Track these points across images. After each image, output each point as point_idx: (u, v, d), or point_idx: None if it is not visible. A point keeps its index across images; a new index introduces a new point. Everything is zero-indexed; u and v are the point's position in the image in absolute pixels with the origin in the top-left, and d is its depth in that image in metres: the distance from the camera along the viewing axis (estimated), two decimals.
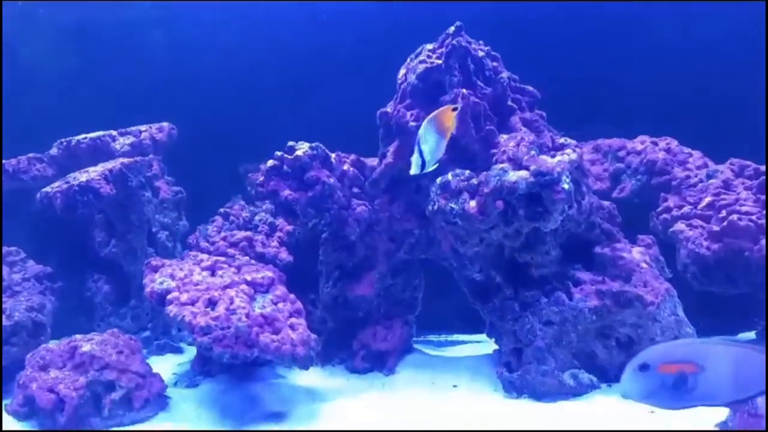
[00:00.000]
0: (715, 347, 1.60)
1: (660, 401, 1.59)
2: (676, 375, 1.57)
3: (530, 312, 2.30)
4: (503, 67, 2.52)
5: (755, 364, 1.60)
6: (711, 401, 1.60)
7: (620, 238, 2.43)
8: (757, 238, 2.36)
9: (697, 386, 1.56)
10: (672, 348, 1.63)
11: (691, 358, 1.59)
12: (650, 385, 1.57)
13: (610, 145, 3.01)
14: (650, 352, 1.61)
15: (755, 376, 1.58)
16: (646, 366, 1.60)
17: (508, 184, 2.06)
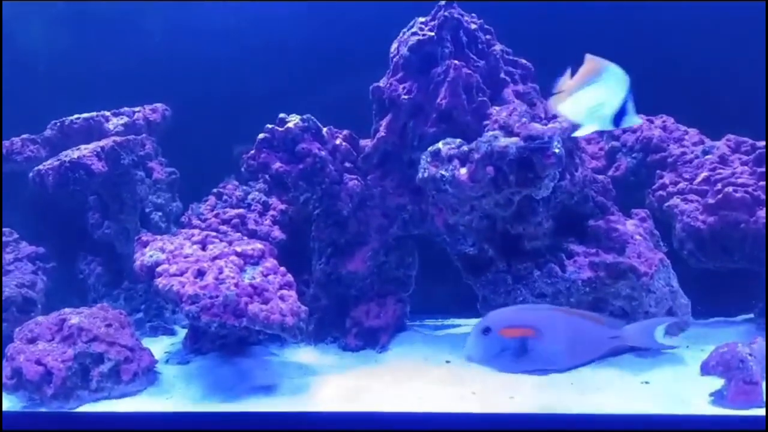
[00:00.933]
0: (553, 314, 1.63)
1: (501, 364, 1.61)
2: (517, 339, 1.58)
3: (523, 285, 2.28)
4: (496, 40, 2.50)
5: (589, 331, 1.62)
6: (548, 365, 1.62)
7: (614, 211, 2.40)
8: (753, 209, 2.34)
9: (535, 351, 1.58)
10: (513, 313, 1.66)
11: (531, 323, 1.60)
12: (492, 349, 1.59)
13: None
14: (492, 317, 1.63)
15: (589, 343, 1.62)
16: (489, 330, 1.61)
17: (498, 148, 2.04)
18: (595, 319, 1.75)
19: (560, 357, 1.65)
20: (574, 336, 1.67)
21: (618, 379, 2.10)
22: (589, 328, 1.71)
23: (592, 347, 1.69)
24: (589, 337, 1.70)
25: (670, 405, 1.88)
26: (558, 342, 1.64)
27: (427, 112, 2.43)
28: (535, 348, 1.61)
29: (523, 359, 1.61)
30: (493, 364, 1.66)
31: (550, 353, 1.63)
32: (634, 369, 2.16)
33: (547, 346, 1.62)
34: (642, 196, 2.77)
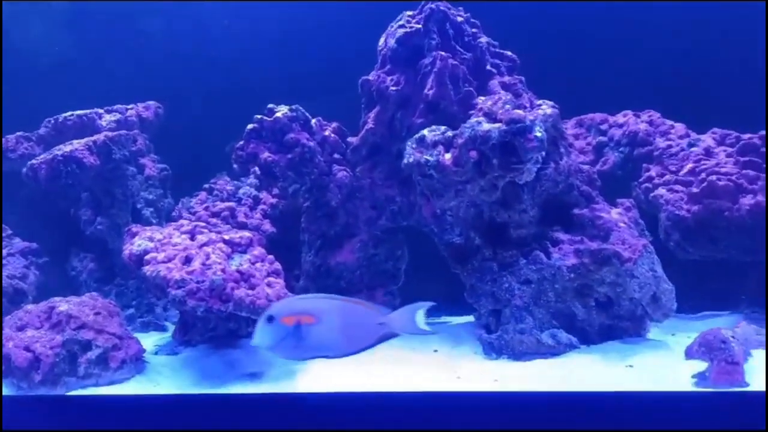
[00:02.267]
0: (329, 301, 1.67)
1: (284, 351, 1.66)
2: (295, 325, 1.62)
3: (509, 272, 2.30)
4: (482, 32, 2.54)
5: (363, 318, 1.66)
6: (326, 352, 1.66)
7: (599, 200, 2.42)
8: (736, 197, 2.36)
9: (312, 337, 1.62)
10: (294, 301, 1.72)
11: (309, 310, 1.65)
12: (275, 336, 1.63)
13: (592, 119, 3.02)
14: (277, 305, 1.70)
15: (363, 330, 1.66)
16: (272, 318, 1.66)
17: (481, 133, 2.07)
18: (367, 306, 1.80)
19: (336, 343, 1.71)
20: (350, 322, 1.72)
21: (603, 363, 2.11)
22: (362, 314, 1.75)
23: (365, 334, 1.74)
24: (363, 323, 1.75)
25: (654, 387, 1.89)
26: (334, 328, 1.69)
27: (414, 103, 2.47)
28: (312, 334, 1.67)
29: (301, 345, 1.67)
30: (277, 350, 1.72)
31: (327, 339, 1.69)
32: (620, 354, 2.17)
33: (324, 332, 1.68)
34: (629, 190, 2.79)
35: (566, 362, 2.16)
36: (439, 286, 2.93)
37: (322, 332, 1.67)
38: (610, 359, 2.13)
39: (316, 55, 3.46)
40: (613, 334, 2.29)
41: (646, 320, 2.29)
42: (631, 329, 2.29)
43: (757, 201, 2.30)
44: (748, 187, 2.37)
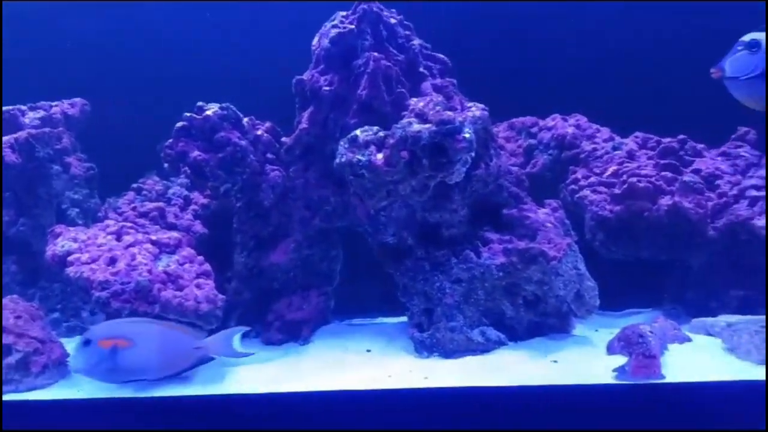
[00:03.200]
0: (146, 325, 1.76)
1: (100, 374, 1.72)
2: (111, 349, 1.68)
3: (440, 271, 2.33)
4: (415, 35, 2.57)
5: (179, 342, 1.75)
6: (142, 375, 1.74)
7: (528, 201, 2.49)
8: (655, 198, 2.46)
9: (128, 360, 1.69)
10: (112, 325, 1.78)
11: (125, 334, 1.72)
12: (92, 359, 1.68)
13: (523, 123, 3.10)
14: (94, 329, 1.76)
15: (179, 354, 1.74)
16: (89, 341, 1.71)
17: (412, 133, 2.10)
18: (183, 330, 1.87)
19: (152, 366, 1.76)
20: (165, 346, 1.78)
21: (530, 358, 2.17)
22: (178, 338, 1.82)
23: (181, 357, 1.81)
24: (179, 347, 1.82)
25: (576, 380, 1.95)
26: (150, 352, 1.75)
27: (348, 104, 2.47)
28: (127, 357, 1.72)
29: (117, 368, 1.71)
30: (94, 374, 1.76)
31: (142, 362, 1.75)
32: (546, 350, 2.23)
33: (140, 356, 1.73)
34: (558, 191, 2.88)
35: (494, 358, 2.20)
36: (374, 286, 2.96)
37: (137, 355, 1.70)
38: (537, 355, 2.18)
39: (250, 53, 3.42)
40: (540, 331, 2.36)
41: (571, 317, 2.37)
42: (558, 326, 2.36)
43: (674, 202, 2.41)
44: (666, 188, 2.49)
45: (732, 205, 2.43)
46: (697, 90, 3.03)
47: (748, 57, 1.70)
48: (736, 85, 1.75)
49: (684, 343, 2.17)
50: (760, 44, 1.69)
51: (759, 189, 2.42)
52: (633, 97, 3.15)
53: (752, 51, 1.69)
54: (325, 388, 2.01)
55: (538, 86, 3.25)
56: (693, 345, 2.17)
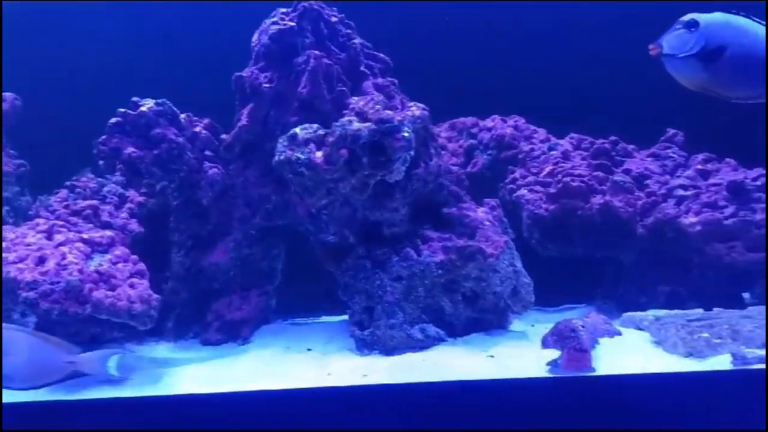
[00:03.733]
0: (18, 334, 1.80)
1: None
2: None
3: (381, 269, 2.34)
4: (356, 34, 2.58)
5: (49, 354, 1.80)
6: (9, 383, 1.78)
7: (467, 200, 2.53)
8: (588, 197, 2.54)
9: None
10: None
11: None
12: None
13: (464, 123, 3.15)
14: None
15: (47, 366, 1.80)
16: None
17: (351, 132, 2.10)
18: (56, 343, 1.89)
19: (20, 375, 1.78)
20: (36, 357, 1.81)
21: (467, 354, 2.20)
22: (50, 351, 1.85)
23: (51, 370, 1.84)
24: (49, 359, 1.85)
25: (510, 374, 1.99)
26: (19, 361, 1.77)
27: (288, 101, 2.46)
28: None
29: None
30: None
31: (10, 370, 1.76)
32: (483, 345, 2.27)
33: (8, 364, 1.75)
34: (497, 190, 2.93)
35: (433, 355, 2.23)
36: (317, 285, 2.94)
37: (6, 364, 1.67)
38: (474, 350, 2.22)
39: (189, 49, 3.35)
40: (479, 327, 2.40)
41: (509, 313, 2.42)
42: (495, 321, 2.41)
43: (606, 201, 2.50)
44: (598, 188, 2.57)
45: (660, 203, 2.53)
46: (630, 93, 3.18)
47: (685, 35, 1.75)
48: (673, 63, 1.79)
49: (614, 337, 2.25)
50: (698, 24, 1.74)
51: (686, 188, 2.54)
52: (569, 98, 3.24)
53: (690, 30, 1.74)
54: (263, 387, 1.99)
55: (480, 87, 3.30)
56: (623, 339, 2.25)
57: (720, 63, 1.75)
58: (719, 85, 1.81)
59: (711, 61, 1.75)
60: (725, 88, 1.81)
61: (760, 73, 1.74)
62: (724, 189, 2.49)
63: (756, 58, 1.73)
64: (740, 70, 1.75)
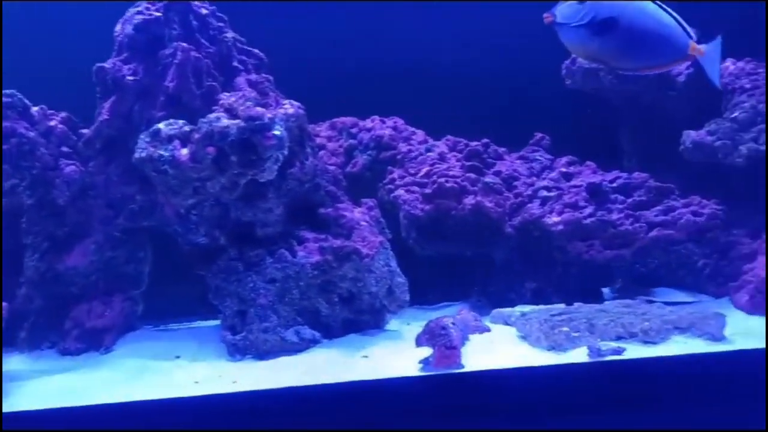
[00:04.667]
0: None
1: None
2: None
3: (254, 271, 2.28)
4: (229, 27, 2.49)
5: None
6: None
7: (344, 200, 2.52)
8: (461, 198, 2.61)
9: None
10: None
11: None
12: None
13: (344, 123, 3.14)
14: None
15: None
16: None
17: (218, 129, 2.03)
18: None
19: None
20: None
21: (342, 355, 2.19)
22: None
23: None
24: None
25: (384, 374, 1.99)
26: None
27: (155, 95, 2.34)
28: None
29: None
30: None
31: None
32: (358, 346, 2.27)
33: None
34: (377, 190, 2.94)
35: (308, 358, 2.20)
36: (189, 288, 2.82)
37: None
38: (349, 351, 2.21)
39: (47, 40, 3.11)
40: (355, 327, 2.39)
41: (385, 312, 2.43)
42: (372, 322, 2.41)
43: (477, 201, 2.57)
44: (470, 188, 2.65)
45: (527, 204, 2.64)
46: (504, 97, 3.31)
47: (577, 6, 1.82)
48: (564, 32, 1.86)
49: (484, 333, 2.32)
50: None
51: (550, 190, 2.67)
52: (447, 101, 3.32)
53: (581, 1, 1.81)
54: (123, 399, 1.87)
55: (361, 87, 3.30)
56: (491, 335, 2.32)
57: (608, 34, 1.84)
58: (607, 56, 1.91)
59: (600, 32, 1.83)
60: (612, 58, 1.91)
61: (646, 46, 1.85)
62: (584, 190, 2.64)
63: (641, 31, 1.84)
64: (627, 42, 1.85)
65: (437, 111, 3.28)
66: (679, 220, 2.56)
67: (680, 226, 2.55)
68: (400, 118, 3.16)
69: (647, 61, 1.90)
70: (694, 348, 2.07)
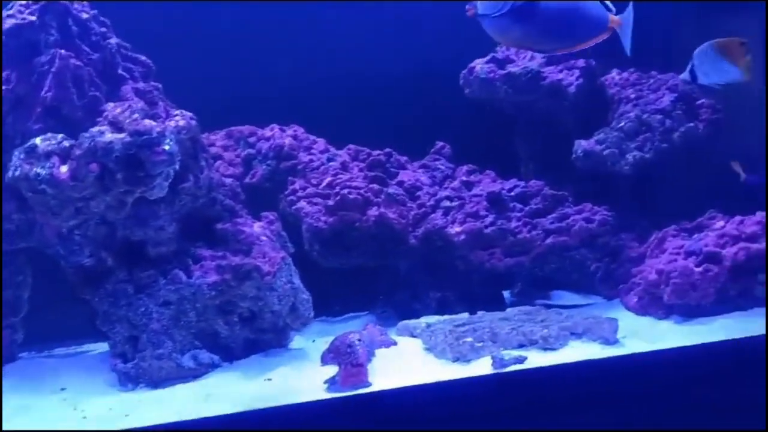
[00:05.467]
0: None
1: None
2: None
3: (146, 294, 2.14)
4: (113, 33, 2.33)
5: None
6: None
7: (243, 214, 2.42)
8: (364, 209, 2.58)
9: None
10: None
11: None
12: None
13: (241, 132, 3.03)
14: None
15: None
16: None
17: (102, 144, 1.88)
18: None
19: None
20: None
21: (244, 379, 2.10)
22: None
23: None
24: None
25: (289, 397, 1.93)
26: None
27: (30, 106, 2.14)
28: None
29: None
30: None
31: None
32: (261, 368, 2.18)
33: None
34: (278, 202, 2.86)
35: (207, 383, 2.09)
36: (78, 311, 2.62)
37: None
38: (251, 374, 2.12)
39: None
40: (257, 348, 2.30)
41: (288, 331, 2.36)
42: (274, 341, 2.33)
43: (380, 213, 2.56)
44: (374, 200, 2.62)
45: (430, 215, 2.65)
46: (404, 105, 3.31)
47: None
48: (487, 23, 1.94)
49: (390, 347, 2.29)
50: None
51: (451, 200, 2.69)
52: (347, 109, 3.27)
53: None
54: None
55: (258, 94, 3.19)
56: (398, 348, 2.30)
57: (529, 20, 1.93)
58: (531, 41, 2.02)
59: (520, 19, 1.91)
60: (537, 42, 2.03)
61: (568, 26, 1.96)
62: (485, 199, 2.69)
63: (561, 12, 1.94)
64: (549, 25, 1.95)
65: (337, 119, 3.24)
66: (573, 227, 2.65)
67: (574, 233, 2.65)
68: (300, 127, 3.08)
69: (571, 40, 2.00)
70: (590, 352, 2.14)
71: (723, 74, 2.42)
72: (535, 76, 2.96)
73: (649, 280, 2.48)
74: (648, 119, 2.79)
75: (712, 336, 2.20)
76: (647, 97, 2.90)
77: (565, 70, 2.98)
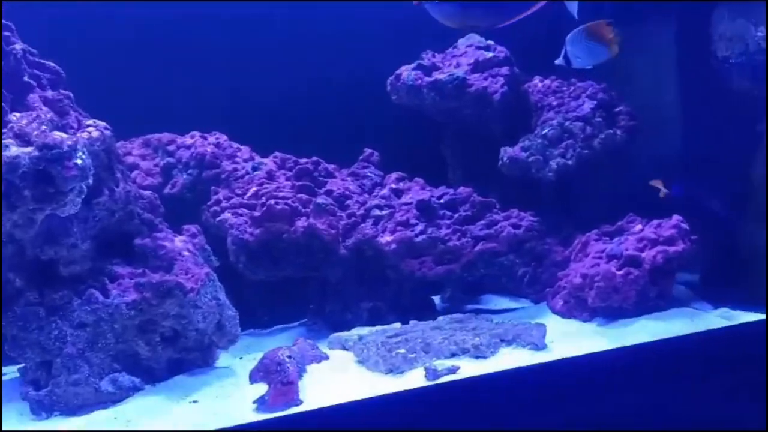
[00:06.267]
0: None
1: None
2: None
3: (59, 316, 2.00)
4: (18, 38, 2.17)
5: None
6: None
7: (163, 228, 2.31)
8: (293, 220, 2.52)
9: None
10: None
11: None
12: None
13: (160, 140, 2.90)
14: None
15: None
16: None
17: (8, 159, 1.74)
18: None
19: None
20: None
21: (167, 402, 2.00)
22: None
23: None
24: None
25: (217, 420, 1.85)
26: None
27: None
28: None
29: None
30: None
31: None
32: (186, 389, 2.09)
33: None
34: (200, 213, 2.75)
35: (127, 409, 1.97)
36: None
37: None
38: (175, 397, 2.02)
39: None
40: (182, 368, 2.20)
41: (214, 348, 2.27)
42: (200, 360, 2.23)
43: (309, 224, 2.50)
44: (302, 210, 2.56)
45: (360, 224, 2.62)
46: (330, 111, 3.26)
47: None
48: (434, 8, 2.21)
49: (322, 361, 2.24)
50: None
51: (381, 208, 2.67)
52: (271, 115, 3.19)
53: None
54: None
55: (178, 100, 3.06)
56: (330, 362, 2.24)
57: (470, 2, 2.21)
58: (476, 19, 2.30)
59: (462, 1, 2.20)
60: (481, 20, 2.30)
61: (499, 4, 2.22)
62: (414, 207, 2.68)
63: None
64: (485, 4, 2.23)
65: (262, 125, 3.15)
66: (501, 234, 2.68)
67: (502, 239, 2.68)
68: (222, 134, 2.98)
69: (513, 12, 2.22)
70: (520, 358, 2.16)
71: (594, 56, 2.59)
72: (461, 83, 2.98)
73: (574, 284, 2.54)
74: (570, 126, 2.85)
75: (635, 337, 2.27)
76: (568, 104, 2.97)
77: (490, 78, 3.01)
